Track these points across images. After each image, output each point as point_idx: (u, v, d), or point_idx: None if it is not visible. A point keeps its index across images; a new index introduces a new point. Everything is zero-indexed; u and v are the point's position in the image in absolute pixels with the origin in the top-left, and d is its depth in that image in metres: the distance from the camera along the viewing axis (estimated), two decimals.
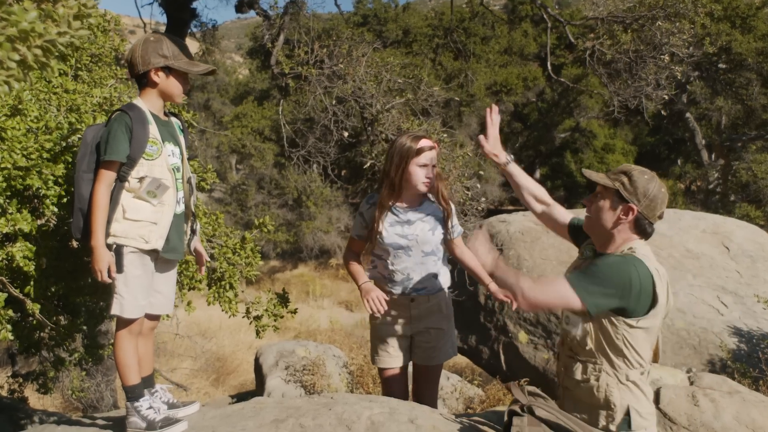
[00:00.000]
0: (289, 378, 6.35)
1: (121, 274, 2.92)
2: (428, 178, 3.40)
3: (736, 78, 20.09)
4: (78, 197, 2.92)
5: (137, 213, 2.95)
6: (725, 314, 7.86)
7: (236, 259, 3.97)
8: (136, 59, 3.01)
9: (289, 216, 26.53)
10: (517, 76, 25.85)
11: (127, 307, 2.97)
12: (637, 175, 2.66)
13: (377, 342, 3.69)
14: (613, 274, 2.55)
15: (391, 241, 3.48)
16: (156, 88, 3.07)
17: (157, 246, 3.03)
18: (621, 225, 2.69)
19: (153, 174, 2.99)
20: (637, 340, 2.62)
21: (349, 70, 6.43)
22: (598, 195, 2.76)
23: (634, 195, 2.64)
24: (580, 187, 28.44)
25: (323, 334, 18.39)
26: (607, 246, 2.74)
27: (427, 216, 3.52)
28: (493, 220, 9.76)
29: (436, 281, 3.59)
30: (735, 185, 22.01)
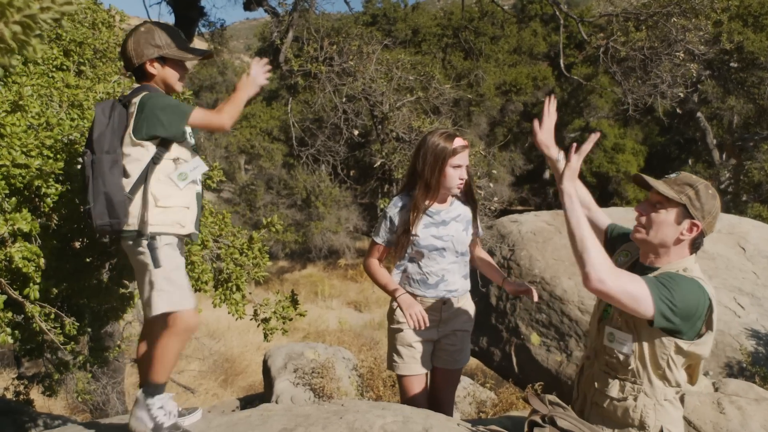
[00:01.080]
0: (298, 381, 6.23)
1: (159, 269, 2.75)
2: (461, 179, 3.30)
3: (748, 77, 19.85)
4: (103, 181, 2.72)
5: (168, 199, 2.82)
6: (742, 316, 7.71)
7: (243, 259, 3.85)
8: (130, 52, 2.90)
9: (298, 216, 26.46)
10: (526, 75, 25.69)
11: (177, 299, 2.80)
12: (703, 191, 2.47)
13: (401, 347, 3.52)
14: (688, 296, 2.37)
15: (427, 243, 3.36)
16: (154, 79, 2.96)
17: (193, 229, 2.93)
18: (682, 241, 2.51)
19: (182, 155, 2.89)
20: (681, 363, 2.49)
21: (360, 67, 6.31)
22: (657, 205, 2.54)
23: (700, 212, 2.46)
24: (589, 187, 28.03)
25: (332, 334, 18.30)
26: (659, 259, 2.57)
27: (459, 215, 3.43)
28: (504, 220, 9.63)
29: (466, 282, 3.53)
30: (747, 185, 21.79)
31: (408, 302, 3.30)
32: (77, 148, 3.26)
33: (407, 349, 3.51)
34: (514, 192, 28.62)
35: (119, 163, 2.78)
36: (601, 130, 27.46)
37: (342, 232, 26.30)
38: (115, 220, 2.74)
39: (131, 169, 2.80)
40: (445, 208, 3.41)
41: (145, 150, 2.80)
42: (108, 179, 2.73)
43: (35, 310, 3.08)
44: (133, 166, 2.80)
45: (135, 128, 2.80)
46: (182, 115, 2.79)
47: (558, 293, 8.29)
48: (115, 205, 2.72)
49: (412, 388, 3.56)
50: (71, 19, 4.47)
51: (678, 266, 2.51)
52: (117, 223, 2.75)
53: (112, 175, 2.74)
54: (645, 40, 7.82)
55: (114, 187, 2.73)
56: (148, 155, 2.80)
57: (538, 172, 30.25)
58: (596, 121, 27.15)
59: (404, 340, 3.51)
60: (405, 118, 6.47)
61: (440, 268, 3.39)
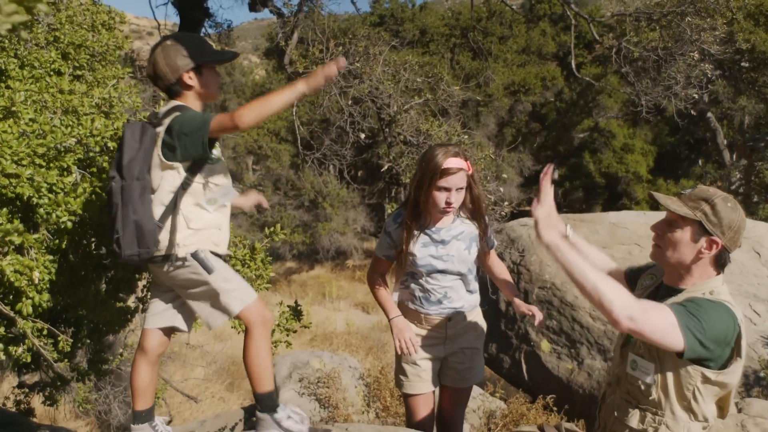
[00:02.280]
0: (303, 391, 6.10)
1: (214, 273, 2.69)
2: (448, 203, 3.05)
3: (759, 77, 19.62)
4: (133, 209, 2.62)
5: (200, 221, 2.74)
6: (758, 323, 7.55)
7: (246, 271, 3.71)
8: (163, 70, 2.76)
9: (305, 217, 26.43)
10: (535, 75, 25.53)
11: (244, 295, 2.76)
12: (720, 204, 2.31)
13: (407, 365, 3.40)
14: (716, 325, 2.21)
15: (425, 263, 3.20)
16: (192, 91, 2.83)
17: (225, 251, 2.85)
18: (702, 259, 2.35)
19: (214, 179, 2.79)
20: (709, 394, 2.33)
21: (366, 69, 6.17)
22: (672, 224, 2.40)
23: (718, 227, 2.30)
24: (598, 188, 28.03)
25: (339, 337, 18.19)
26: (682, 280, 2.42)
27: (461, 234, 3.22)
28: (514, 224, 9.47)
29: (472, 298, 3.36)
30: (758, 186, 21.59)
31: (399, 327, 3.20)
32: (72, 156, 3.14)
33: (412, 367, 3.37)
34: (522, 192, 28.46)
35: (149, 190, 2.69)
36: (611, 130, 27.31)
37: (349, 233, 26.23)
38: (144, 249, 2.66)
39: (161, 195, 2.71)
40: (445, 226, 3.22)
41: (176, 173, 2.71)
42: (138, 207, 2.64)
43: (27, 325, 2.95)
44: (162, 191, 2.71)
45: (165, 149, 2.69)
46: (202, 130, 2.65)
47: (569, 299, 8.14)
48: (145, 234, 2.64)
49: (418, 407, 3.42)
50: (70, 21, 4.35)
51: (705, 288, 2.35)
52: (146, 252, 2.67)
53: (143, 203, 2.65)
54: (659, 40, 7.66)
55: (145, 216, 2.65)
56: (179, 179, 2.70)
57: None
58: (605, 121, 26.95)
59: (409, 359, 3.37)
60: (413, 120, 6.33)
61: (441, 286, 3.24)
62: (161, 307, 2.91)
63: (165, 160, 2.67)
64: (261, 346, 2.73)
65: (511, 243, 9.38)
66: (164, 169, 2.69)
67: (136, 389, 2.90)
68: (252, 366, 2.73)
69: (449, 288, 3.24)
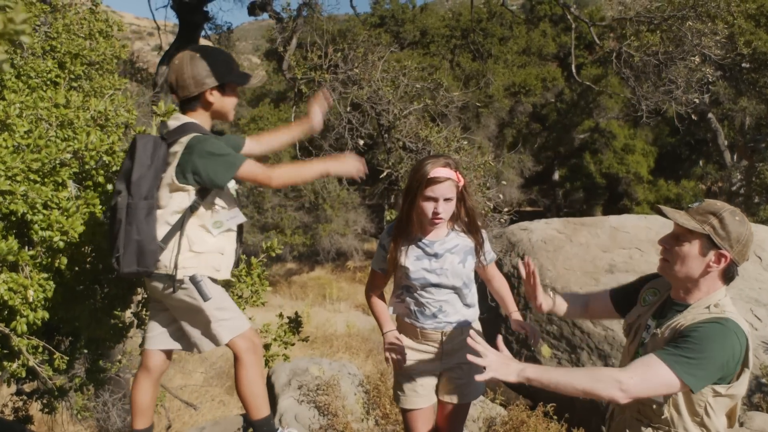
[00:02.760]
0: (302, 398, 6.07)
1: (209, 300, 2.66)
2: (436, 213, 3.00)
3: (760, 78, 19.58)
4: (137, 229, 2.59)
5: (203, 245, 2.70)
6: (759, 329, 7.52)
7: (242, 287, 3.68)
8: (187, 80, 2.70)
9: (305, 218, 26.40)
10: (535, 76, 25.48)
11: (236, 324, 2.75)
12: (728, 218, 2.30)
13: (403, 380, 3.37)
14: (717, 351, 2.20)
15: (418, 277, 3.15)
16: (210, 109, 2.79)
17: (227, 276, 2.80)
18: (710, 273, 2.34)
19: (221, 202, 2.75)
20: (721, 406, 2.31)
21: (365, 75, 6.13)
22: (680, 237, 2.38)
23: (727, 241, 2.29)
24: (599, 188, 28.00)
25: (339, 339, 18.16)
26: (689, 295, 2.40)
27: (455, 248, 3.16)
28: (514, 228, 9.45)
29: (468, 312, 3.28)
30: (759, 187, 21.56)
31: (390, 341, 3.21)
32: (67, 170, 3.11)
33: (409, 382, 3.34)
34: (523, 194, 28.42)
35: (155, 210, 2.65)
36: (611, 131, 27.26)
37: (350, 235, 26.20)
38: (144, 269, 2.63)
39: (167, 215, 2.67)
40: (439, 239, 3.17)
41: (186, 195, 2.67)
42: (143, 228, 2.60)
43: (22, 343, 2.92)
44: (169, 210, 2.67)
45: (179, 172, 2.65)
46: (232, 167, 2.64)
47: None
48: (146, 254, 2.61)
49: (416, 422, 3.39)
50: (67, 29, 4.32)
51: (709, 302, 2.34)
52: (146, 271, 2.64)
53: (148, 223, 2.62)
54: (659, 44, 7.62)
55: (148, 237, 2.61)
56: (188, 201, 2.67)
57: (548, 173, 30.04)
58: (606, 121, 26.90)
59: (406, 373, 3.34)
60: (412, 126, 6.30)
61: (436, 299, 3.18)
62: (161, 328, 2.88)
63: (178, 183, 2.64)
64: (253, 373, 2.71)
65: (511, 247, 9.35)
66: (174, 190, 2.66)
67: (137, 408, 2.88)
68: (246, 395, 2.71)
69: (444, 302, 3.19)
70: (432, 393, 3.37)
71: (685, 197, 25.27)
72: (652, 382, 2.19)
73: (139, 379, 2.91)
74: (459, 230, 3.21)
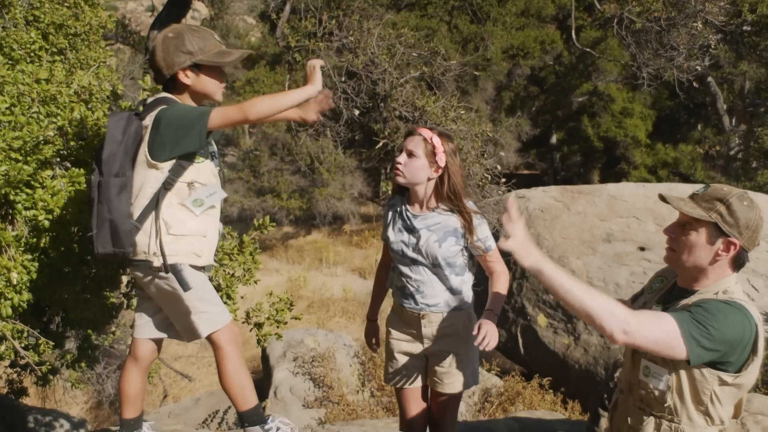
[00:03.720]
0: (298, 370, 6.05)
1: (190, 291, 2.57)
2: (397, 163, 3.01)
3: (761, 41, 19.33)
4: (108, 207, 2.49)
5: (182, 227, 2.59)
6: (757, 299, 7.51)
7: (233, 265, 3.60)
8: (160, 63, 2.61)
9: (302, 182, 26.28)
10: (534, 39, 25.11)
11: (217, 318, 2.67)
12: (736, 203, 2.21)
13: (389, 359, 3.35)
14: (728, 328, 2.13)
15: (397, 249, 3.12)
16: (188, 90, 2.68)
17: (210, 261, 2.71)
18: (719, 261, 2.26)
19: (200, 179, 2.63)
20: (727, 396, 2.25)
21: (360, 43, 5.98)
22: (686, 226, 2.30)
23: (735, 228, 2.21)
24: (596, 152, 27.84)
25: (336, 303, 18.23)
26: (697, 282, 2.33)
27: (435, 225, 3.07)
28: (510, 197, 9.38)
29: (451, 298, 3.15)
30: (757, 152, 21.48)
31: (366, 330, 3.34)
32: (50, 148, 3.00)
33: (392, 362, 3.31)
34: (520, 157, 28.27)
35: (128, 188, 2.55)
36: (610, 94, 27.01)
37: (346, 198, 26.09)
38: (120, 249, 2.53)
39: (142, 193, 2.56)
40: (422, 215, 3.10)
41: (160, 172, 2.56)
42: (114, 205, 2.50)
43: (6, 327, 2.85)
44: (144, 190, 2.56)
45: (150, 148, 2.54)
46: (201, 119, 2.50)
47: None
48: (120, 234, 2.50)
49: (404, 401, 3.36)
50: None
51: (717, 288, 2.27)
52: (122, 252, 2.54)
53: (120, 201, 2.51)
54: (662, 10, 7.44)
55: (120, 215, 2.50)
56: (162, 178, 2.55)
57: (545, 137, 29.84)
58: (604, 84, 26.62)
59: (390, 353, 3.32)
60: (409, 95, 6.17)
61: (414, 278, 3.11)
62: (148, 317, 2.82)
63: (151, 158, 2.54)
64: (235, 364, 2.65)
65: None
66: (149, 167, 2.55)
67: (126, 397, 2.82)
68: (231, 387, 2.65)
69: (422, 282, 3.10)
70: (418, 376, 3.31)
71: (683, 161, 25.17)
72: (657, 333, 2.11)
73: (127, 368, 2.85)
74: (444, 209, 3.12)
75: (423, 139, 3.00)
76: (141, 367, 2.84)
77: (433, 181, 3.06)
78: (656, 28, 7.64)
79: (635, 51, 8.29)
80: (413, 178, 3.01)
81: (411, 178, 3.02)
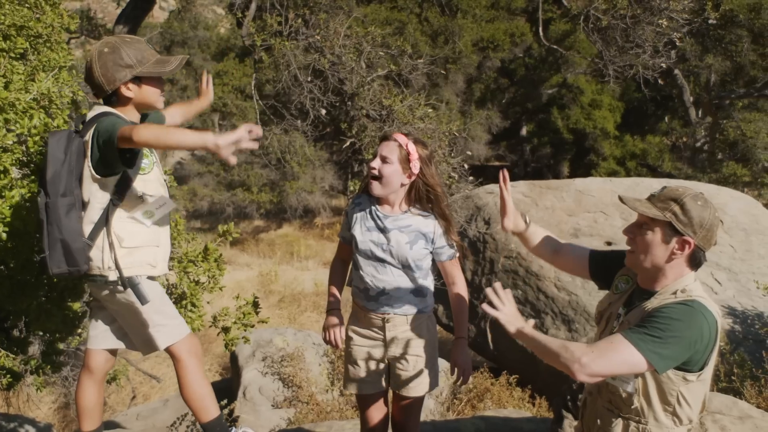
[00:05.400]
0: (267, 370, 6.04)
1: (147, 304, 2.55)
2: (372, 168, 3.02)
3: (726, 34, 19.63)
4: (58, 228, 2.46)
5: (134, 239, 2.58)
6: (719, 292, 7.64)
7: (198, 272, 3.58)
8: (99, 79, 2.57)
9: (272, 176, 26.17)
10: (504, 31, 25.22)
11: (175, 331, 2.67)
12: (690, 203, 2.25)
13: (348, 365, 3.32)
14: (684, 331, 2.18)
15: (365, 248, 3.11)
16: (130, 103, 2.65)
17: (164, 270, 2.70)
18: (675, 260, 2.31)
19: (147, 190, 2.61)
20: (693, 394, 2.30)
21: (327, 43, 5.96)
22: (643, 226, 2.35)
23: (689, 227, 2.25)
24: (566, 144, 28.08)
25: (308, 298, 18.16)
26: (656, 282, 2.37)
27: (406, 227, 3.08)
28: (480, 192, 9.41)
29: (416, 300, 3.15)
30: (722, 143, 21.84)
31: (327, 318, 3.19)
32: (9, 156, 2.96)
33: (353, 367, 3.29)
34: (491, 150, 28.41)
35: (77, 206, 2.52)
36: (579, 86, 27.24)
37: (317, 192, 26.04)
38: (74, 267, 2.50)
39: (91, 209, 2.54)
40: (393, 215, 3.11)
41: (107, 187, 2.54)
42: (64, 225, 2.47)
43: None
44: (92, 205, 2.54)
45: (94, 164, 2.52)
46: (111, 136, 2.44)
47: (534, 269, 8.15)
48: (73, 253, 2.48)
49: (364, 407, 3.35)
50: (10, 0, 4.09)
51: (676, 287, 2.32)
52: (76, 270, 2.52)
53: (69, 220, 2.48)
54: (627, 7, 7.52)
55: (72, 234, 2.48)
56: (109, 193, 2.54)
57: (515, 129, 30.02)
58: (574, 77, 26.84)
59: (350, 358, 3.30)
60: (376, 93, 6.17)
61: (380, 279, 3.10)
62: (104, 326, 2.79)
63: (95, 173, 2.51)
64: (195, 376, 2.65)
65: (477, 211, 9.33)
66: (95, 182, 2.53)
67: (83, 410, 2.80)
68: (191, 399, 2.65)
69: (388, 284, 3.11)
70: (380, 380, 3.30)
71: (651, 153, 25.48)
72: (614, 360, 2.16)
73: (81, 381, 2.82)
74: (415, 212, 3.13)
75: (398, 145, 3.01)
76: (96, 379, 2.81)
77: (406, 186, 3.08)
78: (622, 26, 7.73)
79: (601, 48, 8.38)
80: (388, 185, 3.04)
81: (386, 187, 3.04)
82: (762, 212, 9.21)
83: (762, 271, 7.94)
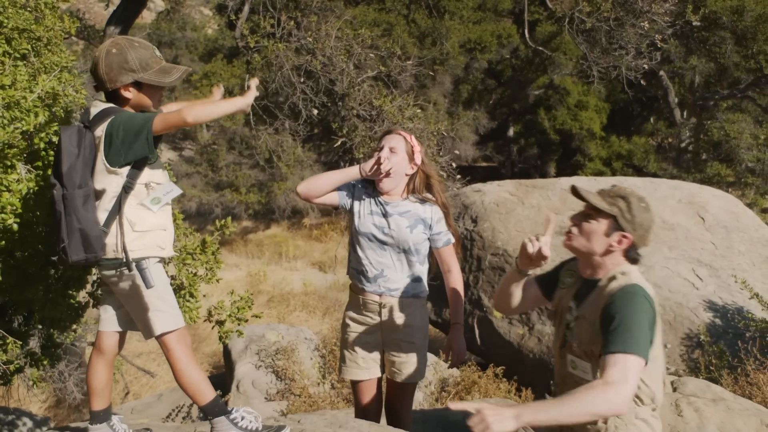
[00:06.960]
0: (260, 364, 6.17)
1: (152, 288, 2.69)
2: (379, 158, 3.17)
3: (710, 36, 19.89)
4: (77, 218, 2.60)
5: (144, 223, 2.73)
6: (700, 288, 7.80)
7: (196, 264, 3.71)
8: (102, 76, 2.73)
9: (260, 176, 26.19)
10: (491, 33, 25.38)
11: (172, 319, 2.78)
12: (635, 203, 2.51)
13: (345, 351, 3.48)
14: (643, 316, 2.37)
15: (366, 231, 3.29)
16: (128, 104, 2.80)
17: (171, 253, 2.86)
18: (612, 252, 2.54)
19: (156, 179, 2.78)
20: (648, 373, 2.44)
21: (318, 44, 6.10)
22: (589, 216, 2.57)
23: (630, 224, 2.50)
24: (553, 145, 28.28)
25: (296, 297, 18.23)
26: (596, 271, 2.59)
27: (406, 212, 3.29)
28: (467, 190, 9.56)
29: (412, 284, 3.34)
30: (706, 144, 22.07)
31: None
32: (15, 151, 3.08)
33: (350, 352, 3.45)
34: (478, 150, 28.58)
35: (92, 197, 2.68)
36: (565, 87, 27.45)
37: None
38: (92, 254, 2.65)
39: (105, 199, 2.70)
40: (394, 202, 3.31)
41: (119, 177, 2.70)
42: (82, 215, 2.62)
43: None
44: (106, 195, 2.70)
45: (107, 156, 2.67)
46: (145, 130, 2.64)
47: None
48: (91, 240, 2.63)
49: (359, 393, 3.50)
50: (13, 3, 4.21)
51: (616, 271, 2.54)
52: (93, 257, 2.67)
53: (86, 210, 2.64)
54: (611, 10, 7.70)
55: (89, 223, 2.63)
56: (122, 182, 2.70)
57: (502, 130, 30.21)
58: (560, 78, 27.06)
59: (347, 344, 3.46)
60: (366, 94, 6.31)
61: (379, 261, 3.29)
62: (113, 311, 2.93)
63: (110, 166, 2.66)
64: (186, 361, 2.77)
65: (464, 209, 9.48)
66: (109, 173, 2.68)
67: (94, 390, 2.93)
68: (186, 383, 2.77)
69: (386, 266, 3.29)
70: (375, 366, 3.45)
71: (636, 153, 25.70)
72: (630, 378, 2.25)
73: (93, 360, 2.96)
74: (414, 200, 3.32)
75: (403, 138, 3.28)
76: (107, 360, 2.94)
77: (408, 176, 3.32)
78: (605, 28, 7.92)
79: (586, 49, 8.57)
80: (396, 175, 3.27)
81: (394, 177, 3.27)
82: (742, 210, 9.41)
83: (742, 267, 8.12)
